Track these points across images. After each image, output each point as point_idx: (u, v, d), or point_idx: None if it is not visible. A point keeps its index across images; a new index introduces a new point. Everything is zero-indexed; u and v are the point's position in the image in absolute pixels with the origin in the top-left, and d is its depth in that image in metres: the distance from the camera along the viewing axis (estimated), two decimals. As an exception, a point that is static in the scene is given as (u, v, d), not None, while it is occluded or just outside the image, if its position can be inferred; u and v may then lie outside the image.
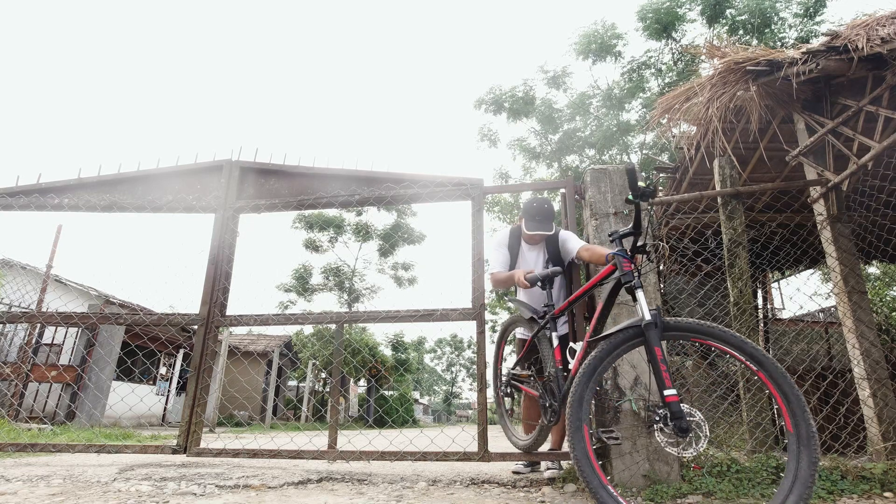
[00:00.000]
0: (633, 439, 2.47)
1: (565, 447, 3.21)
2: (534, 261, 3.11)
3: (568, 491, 2.44)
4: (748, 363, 1.67)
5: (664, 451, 2.46)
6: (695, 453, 1.63)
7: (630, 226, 1.99)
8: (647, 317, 1.75)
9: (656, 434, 1.68)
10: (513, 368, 2.85)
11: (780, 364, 1.69)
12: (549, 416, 2.29)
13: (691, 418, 1.62)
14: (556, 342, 2.39)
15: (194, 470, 3.02)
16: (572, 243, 2.90)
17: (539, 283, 2.58)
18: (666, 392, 1.62)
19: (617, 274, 1.98)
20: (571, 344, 2.25)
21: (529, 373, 2.69)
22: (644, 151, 12.43)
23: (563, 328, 3.00)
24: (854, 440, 3.54)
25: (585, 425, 1.68)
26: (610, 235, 2.07)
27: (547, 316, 2.46)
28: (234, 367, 16.96)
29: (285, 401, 21.95)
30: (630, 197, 1.86)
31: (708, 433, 1.64)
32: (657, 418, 1.66)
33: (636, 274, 1.91)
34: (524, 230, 2.99)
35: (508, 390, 2.83)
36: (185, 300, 3.61)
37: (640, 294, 1.83)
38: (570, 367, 2.15)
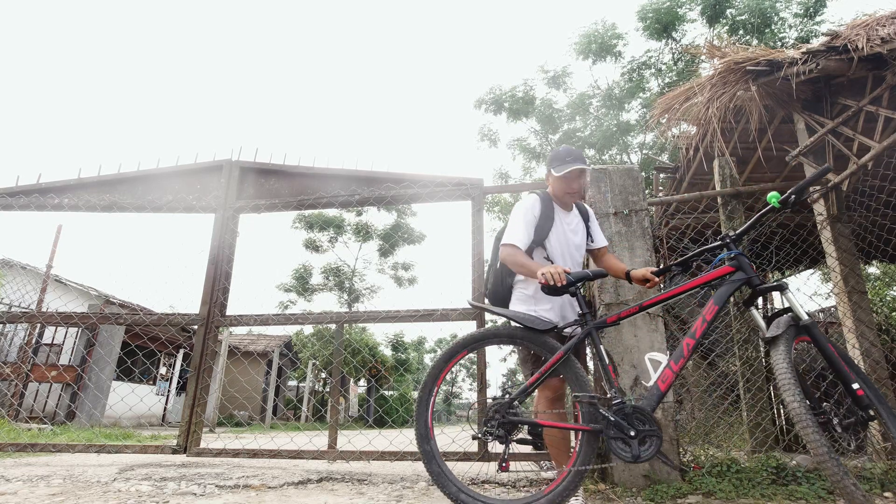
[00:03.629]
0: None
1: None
2: (572, 232, 2.37)
3: (568, 491, 2.43)
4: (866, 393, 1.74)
5: (669, 452, 2.46)
6: (863, 455, 1.67)
7: (741, 229, 1.97)
8: (805, 316, 1.76)
9: (833, 432, 1.70)
10: (511, 398, 2.00)
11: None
12: (635, 448, 1.77)
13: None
14: (606, 358, 1.92)
15: (194, 470, 3.02)
16: (599, 233, 2.50)
17: (573, 289, 2.00)
18: (854, 386, 1.66)
19: (741, 276, 1.90)
20: (653, 354, 1.98)
21: (596, 395, 1.90)
22: (644, 151, 12.43)
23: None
24: (854, 440, 3.54)
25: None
26: (720, 238, 1.99)
27: (588, 325, 1.97)
28: (234, 367, 16.96)
29: (285, 401, 21.95)
30: (789, 199, 1.83)
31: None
32: (831, 416, 1.67)
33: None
34: (554, 174, 2.28)
35: (501, 432, 1.95)
36: (185, 300, 3.63)
37: (790, 295, 1.82)
38: (656, 379, 1.88)
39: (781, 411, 5.13)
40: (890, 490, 2.30)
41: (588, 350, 2.35)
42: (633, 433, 1.77)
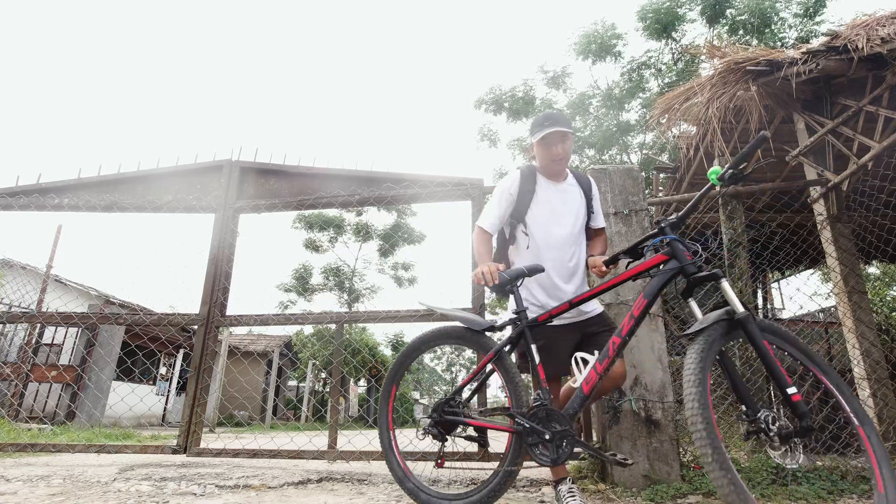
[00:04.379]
0: (633, 439, 2.48)
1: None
2: (561, 203, 2.25)
3: (568, 491, 2.43)
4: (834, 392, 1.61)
5: (669, 452, 2.46)
6: (797, 465, 1.49)
7: (681, 212, 1.83)
8: (741, 309, 1.59)
9: (764, 441, 1.50)
10: (447, 397, 2.07)
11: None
12: (553, 451, 1.75)
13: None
14: (537, 357, 1.89)
15: (194, 470, 3.02)
16: (600, 212, 2.37)
17: (509, 287, 1.99)
18: (790, 391, 1.48)
19: (674, 265, 1.74)
20: (581, 354, 1.88)
21: (501, 407, 1.96)
22: (644, 151, 12.43)
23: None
24: (854, 440, 3.54)
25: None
26: (657, 222, 1.84)
27: (521, 324, 1.96)
28: (234, 367, 16.96)
29: (285, 401, 21.94)
30: (725, 174, 1.70)
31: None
32: (762, 424, 1.48)
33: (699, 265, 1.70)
34: (534, 142, 2.21)
35: (437, 431, 2.05)
36: (185, 300, 3.63)
37: (725, 284, 1.65)
38: (581, 380, 1.78)
39: (781, 411, 5.13)
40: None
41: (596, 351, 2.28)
42: (548, 436, 1.75)
